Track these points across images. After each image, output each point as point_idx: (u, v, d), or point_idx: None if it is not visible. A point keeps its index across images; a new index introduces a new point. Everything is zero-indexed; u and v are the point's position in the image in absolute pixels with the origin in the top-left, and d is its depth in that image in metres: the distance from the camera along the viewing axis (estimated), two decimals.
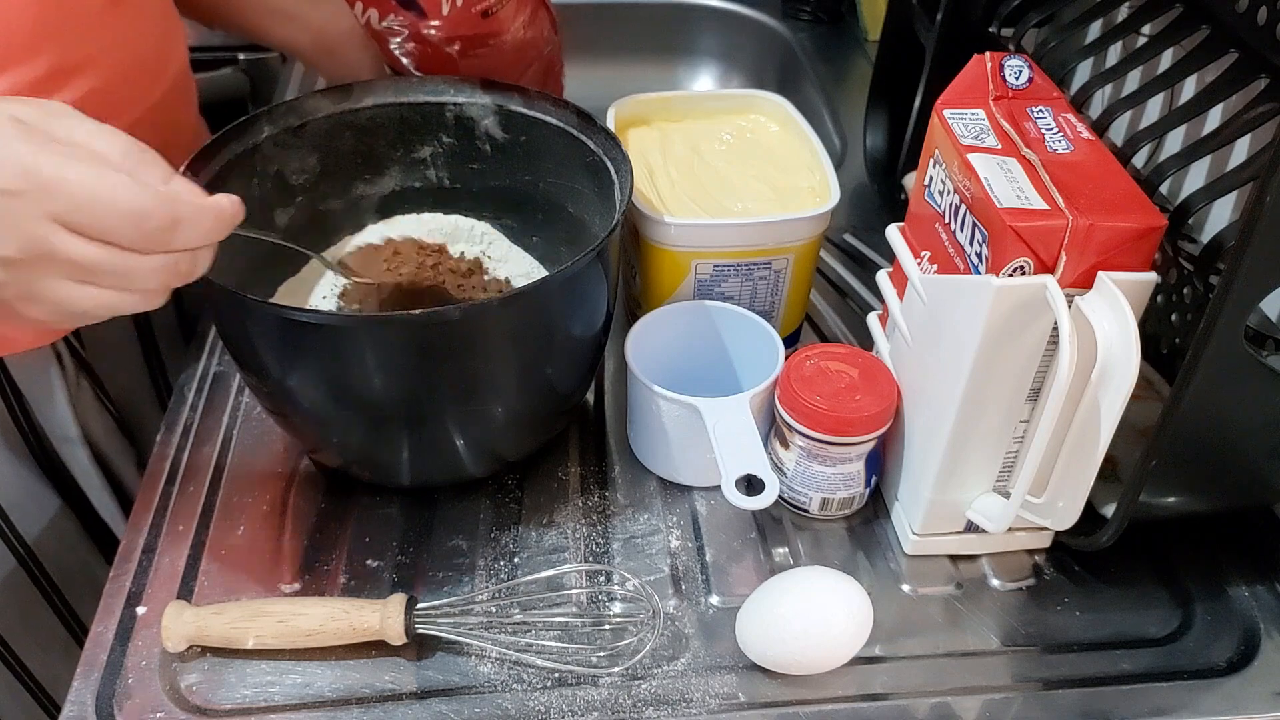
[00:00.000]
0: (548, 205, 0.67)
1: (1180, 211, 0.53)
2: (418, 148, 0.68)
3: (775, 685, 0.53)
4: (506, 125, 0.66)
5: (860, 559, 0.59)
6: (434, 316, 0.51)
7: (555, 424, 0.64)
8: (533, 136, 0.65)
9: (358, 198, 0.68)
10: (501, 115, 0.65)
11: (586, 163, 0.62)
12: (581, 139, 0.62)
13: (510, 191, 0.69)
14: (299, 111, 0.63)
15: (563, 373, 0.59)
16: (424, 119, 0.66)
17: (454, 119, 0.66)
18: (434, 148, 0.68)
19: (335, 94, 0.65)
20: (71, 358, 0.66)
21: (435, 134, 0.67)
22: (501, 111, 0.65)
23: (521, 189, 0.68)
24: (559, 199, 0.66)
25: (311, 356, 0.52)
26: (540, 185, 0.67)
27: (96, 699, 0.51)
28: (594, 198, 0.62)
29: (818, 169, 0.68)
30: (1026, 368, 0.50)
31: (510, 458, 0.62)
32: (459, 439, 0.57)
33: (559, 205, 0.67)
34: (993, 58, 0.54)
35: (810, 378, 0.57)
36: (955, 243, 0.52)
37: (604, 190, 0.60)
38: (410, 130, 0.67)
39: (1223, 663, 0.55)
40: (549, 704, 0.51)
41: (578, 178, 0.63)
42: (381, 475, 0.60)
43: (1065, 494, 0.51)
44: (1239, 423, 0.49)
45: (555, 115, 0.63)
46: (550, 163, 0.65)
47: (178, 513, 0.60)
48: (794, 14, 1.15)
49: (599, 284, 0.57)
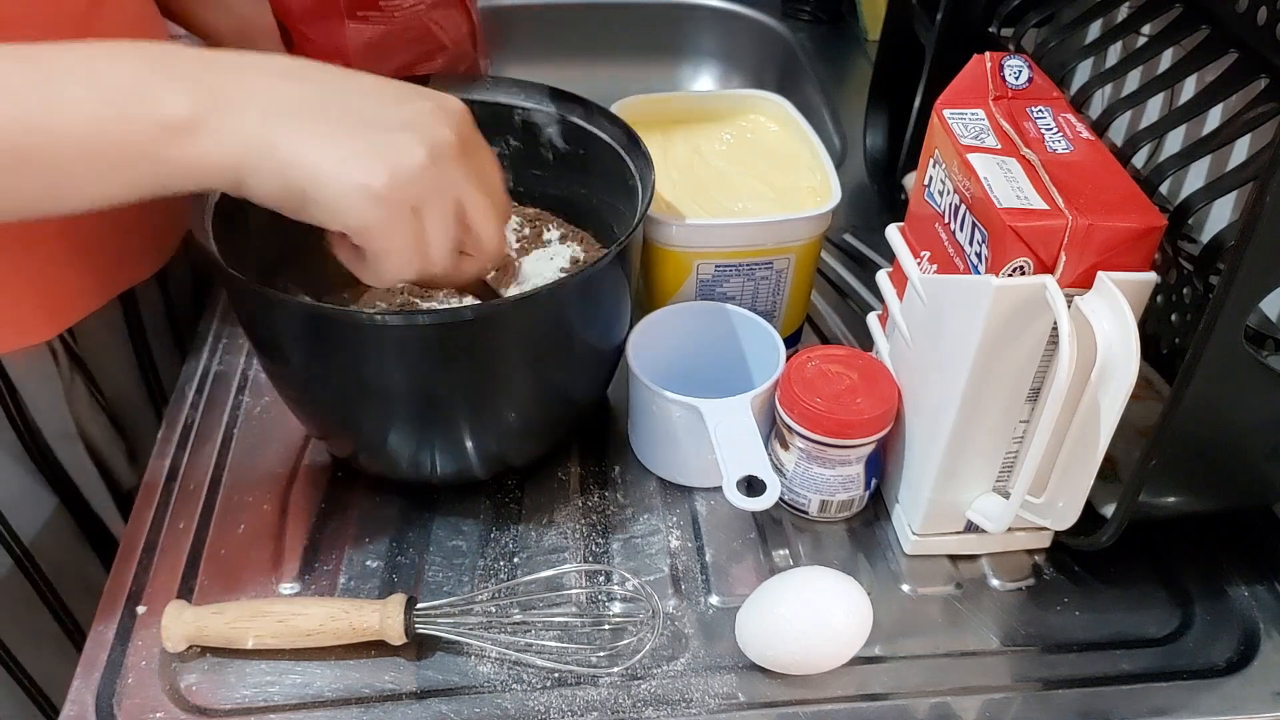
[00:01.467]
0: (598, 220, 0.68)
1: (1180, 211, 0.53)
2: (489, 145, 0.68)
3: (775, 685, 0.53)
4: (568, 136, 0.66)
5: (860, 559, 0.59)
6: (445, 316, 0.51)
7: (563, 430, 0.64)
8: (590, 151, 0.65)
9: None
10: (564, 126, 0.65)
11: (628, 186, 0.62)
12: (626, 160, 0.62)
13: (566, 202, 0.69)
14: None
15: (578, 378, 0.59)
16: (494, 119, 0.66)
17: (521, 123, 0.67)
18: (502, 148, 0.68)
19: None
20: (66, 354, 0.66)
21: (504, 135, 0.67)
22: (565, 122, 0.65)
23: (577, 201, 0.68)
24: (605, 215, 0.66)
25: (330, 350, 0.52)
26: (593, 200, 0.67)
27: (96, 699, 0.51)
28: (631, 220, 0.62)
29: (818, 169, 0.68)
30: (1026, 368, 0.50)
31: (516, 463, 0.62)
32: (468, 439, 0.57)
33: (605, 221, 0.67)
34: (993, 58, 0.54)
35: (811, 380, 0.57)
36: (955, 243, 0.52)
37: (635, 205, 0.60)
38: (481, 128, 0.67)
39: (1222, 663, 0.54)
40: (549, 704, 0.51)
41: (620, 198, 0.63)
42: (387, 468, 0.61)
43: (1065, 494, 0.51)
44: (1239, 423, 0.49)
45: (609, 133, 0.64)
46: (601, 180, 0.65)
47: (178, 512, 0.60)
48: (794, 14, 1.15)
49: (618, 289, 0.57)
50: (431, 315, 0.51)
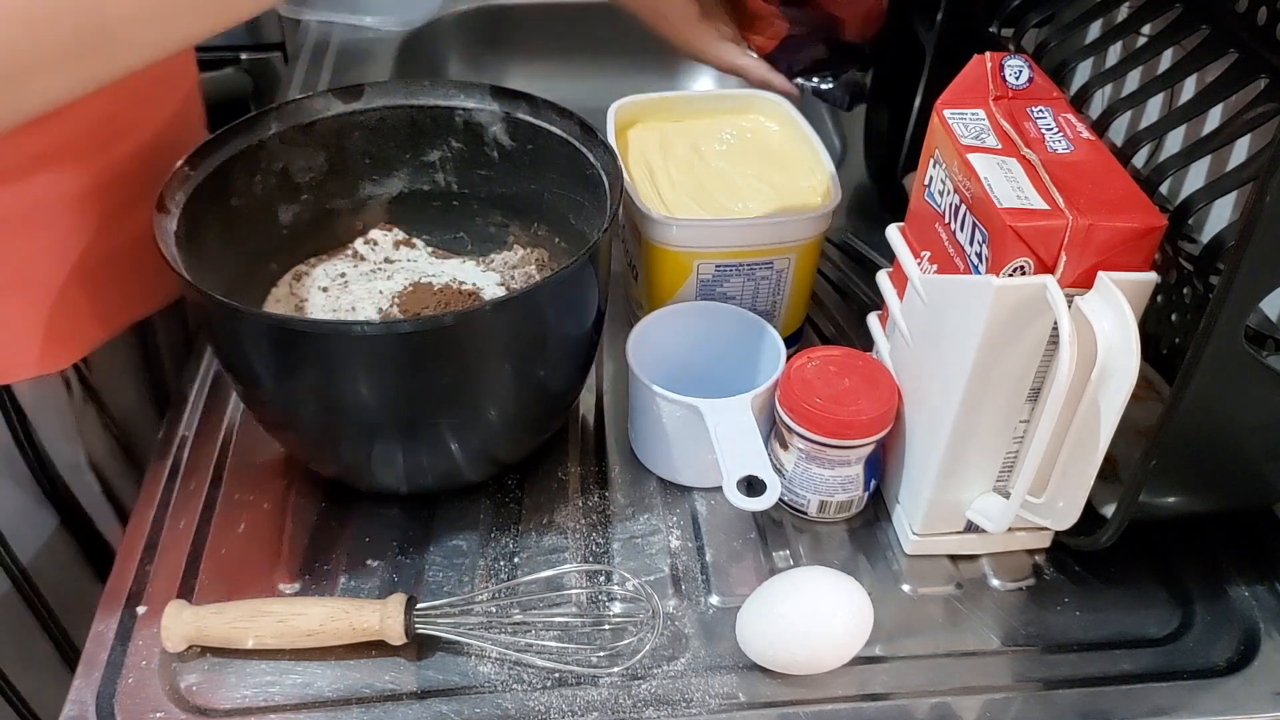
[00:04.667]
0: (553, 215, 0.67)
1: (1180, 211, 0.53)
2: (427, 151, 0.67)
3: (775, 685, 0.53)
4: (514, 133, 0.66)
5: (860, 559, 0.59)
6: (426, 324, 0.51)
7: (552, 424, 0.64)
8: (539, 145, 0.65)
9: (365, 198, 0.68)
10: (509, 123, 0.65)
11: (586, 175, 0.62)
12: (583, 151, 0.62)
13: (517, 199, 0.69)
14: (308, 110, 0.63)
15: (557, 374, 0.59)
16: (434, 122, 0.66)
17: (463, 124, 0.66)
18: (443, 151, 0.68)
19: (345, 94, 0.65)
20: (80, 384, 0.66)
21: (445, 138, 0.67)
22: (509, 119, 0.65)
23: (528, 197, 0.68)
24: (562, 210, 0.66)
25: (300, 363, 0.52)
26: (545, 195, 0.67)
27: (96, 699, 0.51)
28: (593, 212, 0.62)
29: (818, 169, 0.68)
30: (1026, 368, 0.50)
31: (508, 460, 0.62)
32: (454, 444, 0.57)
33: (563, 216, 0.66)
34: (993, 58, 0.54)
35: (811, 380, 0.57)
36: (955, 243, 0.52)
37: (602, 205, 0.60)
38: (420, 133, 0.67)
39: (1223, 663, 0.54)
40: (549, 704, 0.51)
41: (578, 190, 0.63)
42: (379, 483, 0.60)
43: (1065, 494, 0.51)
44: (1239, 423, 0.49)
45: (560, 125, 0.63)
46: (555, 173, 0.65)
47: (178, 512, 0.60)
48: None
49: (591, 287, 0.57)
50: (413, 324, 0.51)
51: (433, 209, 0.70)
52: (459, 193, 0.69)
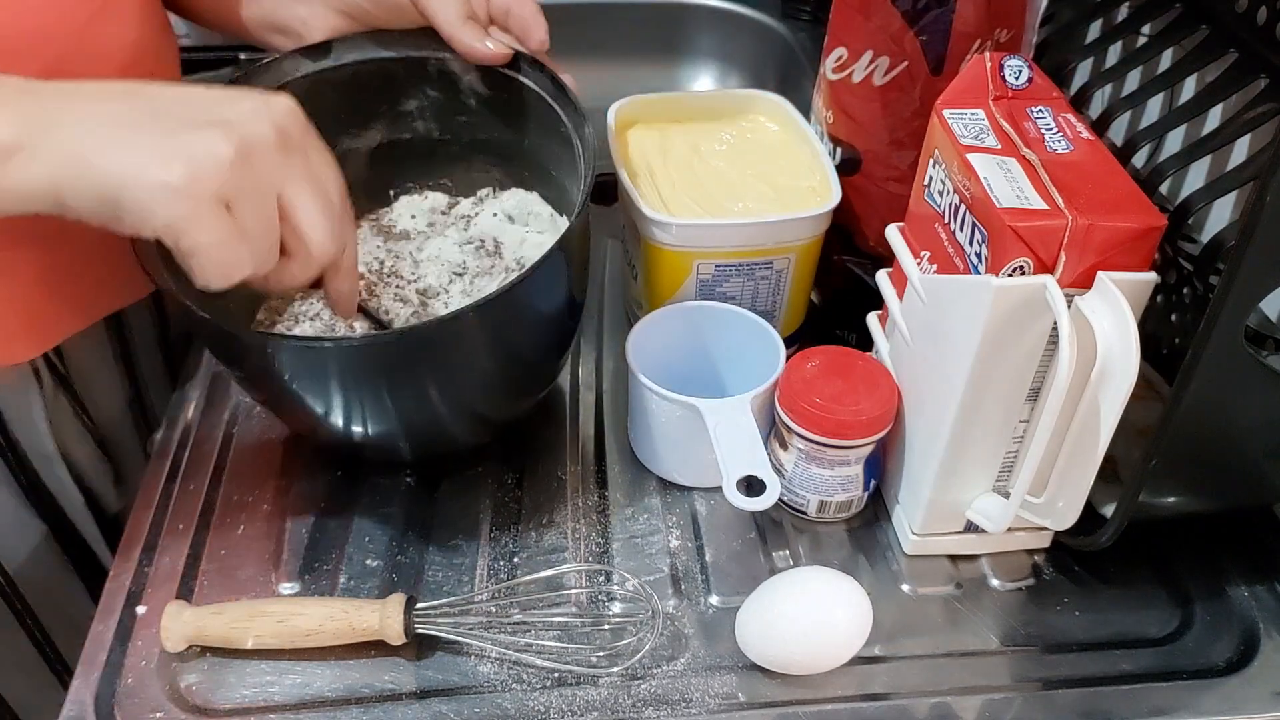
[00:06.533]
0: (535, 164, 0.67)
1: (1180, 211, 0.53)
2: (403, 101, 0.67)
3: (775, 685, 0.53)
4: (488, 81, 0.64)
5: (860, 559, 0.59)
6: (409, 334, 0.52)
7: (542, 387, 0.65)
8: (513, 94, 0.64)
9: (345, 151, 0.67)
10: (483, 70, 0.64)
11: (560, 132, 0.61)
12: (554, 108, 0.61)
13: (499, 145, 0.68)
14: (276, 73, 0.62)
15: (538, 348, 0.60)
16: (407, 71, 0.65)
17: (437, 72, 0.65)
18: (420, 100, 0.67)
19: (313, 52, 0.63)
20: (50, 375, 0.65)
21: (420, 87, 0.66)
22: (483, 67, 0.63)
23: (509, 144, 0.67)
24: (543, 160, 0.66)
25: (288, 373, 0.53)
26: (525, 143, 0.66)
27: (96, 699, 0.51)
28: (570, 167, 0.61)
29: (818, 169, 0.68)
30: (1026, 368, 0.50)
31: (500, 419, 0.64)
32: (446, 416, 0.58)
33: (544, 166, 0.66)
34: (992, 58, 0.54)
35: (810, 380, 0.57)
36: (955, 243, 0.52)
37: (576, 162, 0.60)
38: (394, 83, 0.65)
39: (1222, 663, 0.54)
40: (549, 704, 0.51)
41: (554, 143, 0.62)
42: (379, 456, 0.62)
43: (1065, 494, 0.51)
44: (1239, 423, 0.49)
45: (532, 78, 0.62)
46: (532, 123, 0.64)
47: (178, 512, 0.60)
48: (794, 14, 1.15)
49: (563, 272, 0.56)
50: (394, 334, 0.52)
51: (415, 159, 0.69)
52: (440, 139, 0.69)
